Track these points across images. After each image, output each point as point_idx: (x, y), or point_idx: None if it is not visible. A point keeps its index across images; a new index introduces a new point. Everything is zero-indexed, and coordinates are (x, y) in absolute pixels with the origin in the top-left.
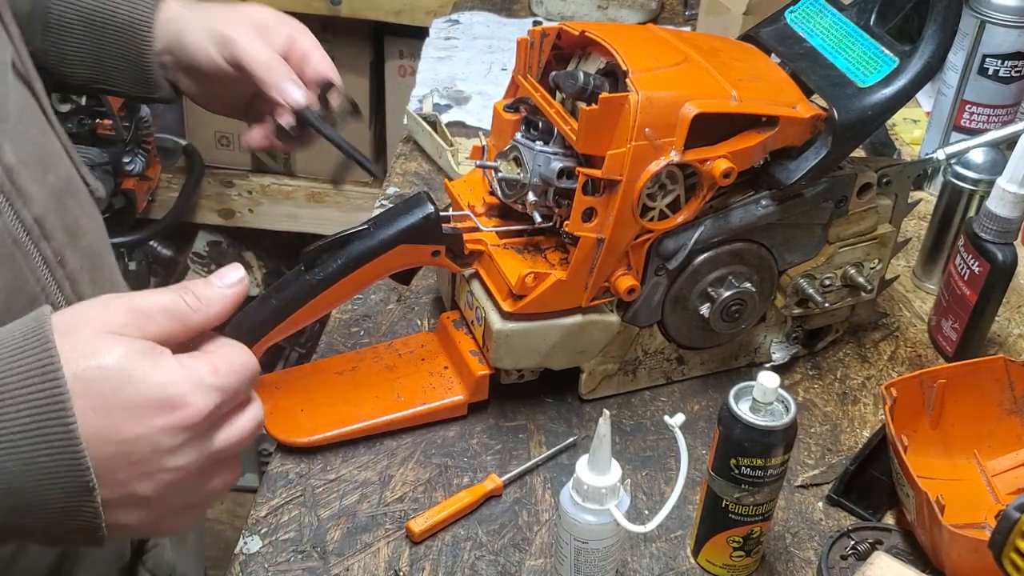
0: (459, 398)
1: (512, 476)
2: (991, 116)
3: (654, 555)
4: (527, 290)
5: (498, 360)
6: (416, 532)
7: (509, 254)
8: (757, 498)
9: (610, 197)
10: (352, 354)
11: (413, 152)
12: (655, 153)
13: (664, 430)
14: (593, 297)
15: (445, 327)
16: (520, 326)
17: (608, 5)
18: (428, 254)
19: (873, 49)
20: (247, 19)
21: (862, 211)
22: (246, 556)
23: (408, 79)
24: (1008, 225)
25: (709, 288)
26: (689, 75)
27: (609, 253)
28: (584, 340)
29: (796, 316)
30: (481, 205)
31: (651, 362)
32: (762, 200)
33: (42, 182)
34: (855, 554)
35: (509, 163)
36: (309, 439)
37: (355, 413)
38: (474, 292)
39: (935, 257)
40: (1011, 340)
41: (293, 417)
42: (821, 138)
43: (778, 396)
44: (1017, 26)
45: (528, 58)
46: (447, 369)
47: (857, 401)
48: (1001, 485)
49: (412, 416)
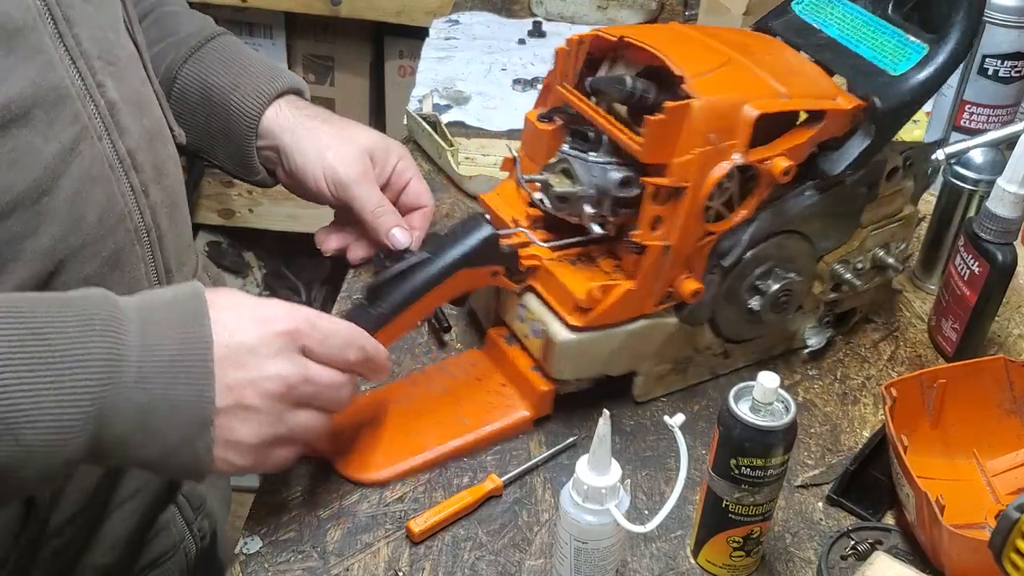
0: (524, 414)
1: (512, 476)
2: (991, 116)
3: (654, 555)
4: (596, 302)
5: (560, 372)
6: (416, 532)
7: (565, 267)
8: (757, 498)
9: (676, 204)
10: (404, 381)
11: (413, 152)
12: (719, 157)
13: (664, 430)
14: (658, 302)
15: (496, 344)
16: (583, 336)
17: (608, 5)
18: (488, 275)
19: (898, 37)
20: (356, 147)
21: (891, 194)
22: (246, 556)
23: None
24: (1008, 225)
25: (757, 281)
26: (737, 75)
27: (675, 258)
28: (644, 344)
29: (829, 301)
30: (525, 219)
31: (700, 359)
32: (806, 191)
33: (138, 122)
34: (855, 554)
35: (558, 175)
36: (382, 474)
37: (422, 442)
38: (528, 306)
39: (935, 257)
40: (1011, 340)
41: (362, 454)
42: (863, 127)
43: (778, 396)
44: (1017, 26)
45: (564, 67)
46: (505, 386)
47: (857, 401)
48: (1001, 485)
49: (479, 439)
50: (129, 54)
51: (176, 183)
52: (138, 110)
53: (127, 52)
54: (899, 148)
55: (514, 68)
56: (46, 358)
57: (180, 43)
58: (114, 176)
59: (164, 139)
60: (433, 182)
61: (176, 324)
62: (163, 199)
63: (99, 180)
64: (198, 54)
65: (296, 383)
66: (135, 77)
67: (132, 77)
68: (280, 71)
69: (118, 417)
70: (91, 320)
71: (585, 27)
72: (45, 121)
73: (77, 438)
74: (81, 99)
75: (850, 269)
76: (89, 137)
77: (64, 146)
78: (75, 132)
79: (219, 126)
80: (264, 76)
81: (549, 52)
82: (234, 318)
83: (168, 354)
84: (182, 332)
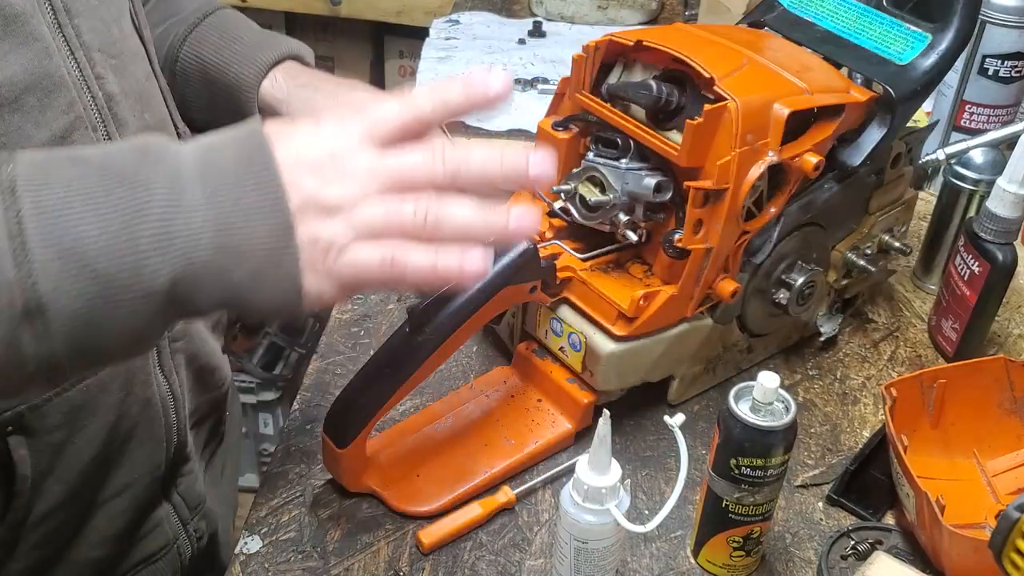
0: (568, 428)
1: (525, 489)
2: (991, 116)
3: (654, 555)
4: (640, 311)
5: (606, 383)
6: (426, 544)
7: (599, 276)
8: (757, 498)
9: (716, 206)
10: (438, 404)
11: None
12: (755, 157)
13: (664, 430)
14: (698, 305)
15: (527, 359)
16: (628, 346)
17: (608, 5)
18: (527, 291)
19: (898, 27)
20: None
21: (895, 180)
22: (246, 556)
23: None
24: (1008, 225)
25: (783, 275)
26: (760, 74)
27: (715, 261)
28: (683, 347)
29: (839, 288)
30: (550, 229)
31: (727, 356)
32: (825, 184)
33: (138, 116)
34: (855, 554)
35: (585, 184)
36: (436, 504)
37: (471, 467)
38: (564, 319)
39: (935, 257)
40: (1011, 340)
41: (411, 486)
42: (878, 117)
43: (778, 396)
44: (1017, 26)
45: (580, 74)
46: (541, 402)
47: (857, 401)
48: (1001, 485)
49: (527, 457)
50: (134, 49)
51: None
52: (139, 104)
53: (131, 47)
54: (900, 134)
55: (514, 68)
56: (107, 186)
57: (179, 22)
58: None
59: (167, 133)
60: None
61: (233, 141)
62: None
63: None
64: (195, 32)
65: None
66: (139, 72)
67: (135, 71)
68: (276, 40)
69: (194, 239)
70: (146, 149)
71: (585, 27)
72: (37, 108)
73: (153, 261)
74: (77, 89)
75: (860, 255)
76: (83, 127)
77: (55, 134)
78: (68, 121)
79: (223, 104)
80: (259, 47)
81: (549, 52)
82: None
83: (231, 167)
84: (241, 146)
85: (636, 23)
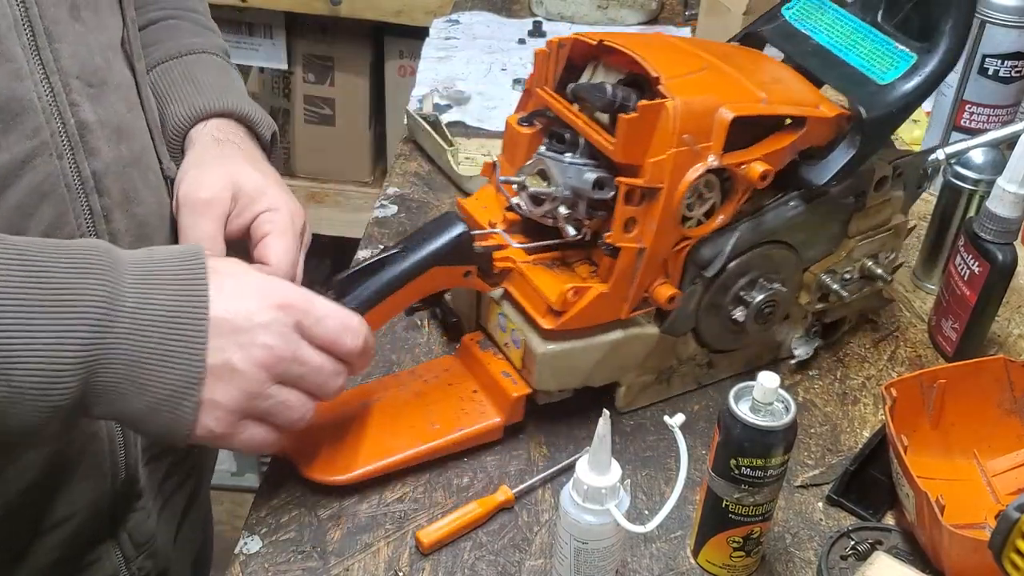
0: (495, 421)
1: (524, 488)
2: (991, 116)
3: (654, 555)
4: (568, 306)
5: (542, 383)
6: (425, 544)
7: (540, 270)
8: (757, 498)
9: (650, 205)
10: (375, 383)
11: (413, 152)
12: (694, 159)
13: (664, 430)
14: (633, 308)
15: (470, 349)
16: (563, 347)
17: (608, 5)
18: (460, 275)
19: (886, 45)
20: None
21: (879, 204)
22: (246, 556)
23: (408, 79)
24: (1008, 225)
25: (742, 292)
26: (717, 79)
27: (650, 262)
28: (625, 354)
29: (816, 311)
30: (502, 222)
31: (684, 369)
32: (791, 201)
33: (114, 147)
34: (855, 554)
35: (534, 177)
36: (348, 476)
37: (391, 445)
38: (507, 314)
39: (935, 257)
40: (1011, 340)
41: (327, 455)
42: (848, 137)
43: (778, 396)
44: (1017, 26)
45: (544, 70)
46: (476, 393)
47: (857, 401)
48: (1001, 485)
49: (449, 443)
50: (119, 80)
51: (151, 213)
52: (117, 135)
53: (117, 77)
54: (888, 157)
55: (514, 68)
56: (42, 300)
57: (161, 50)
58: (70, 196)
59: (145, 168)
60: (433, 182)
61: (175, 279)
62: (129, 227)
63: (50, 198)
64: (165, 64)
65: (285, 357)
66: (121, 103)
67: (117, 102)
68: (230, 94)
69: (110, 365)
70: (89, 266)
71: (585, 27)
72: (0, 130)
73: (68, 383)
74: (47, 114)
75: (837, 279)
76: (47, 153)
77: (15, 158)
78: (32, 146)
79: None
80: (207, 95)
81: None
82: (234, 284)
83: (165, 307)
84: (180, 287)
85: (636, 23)
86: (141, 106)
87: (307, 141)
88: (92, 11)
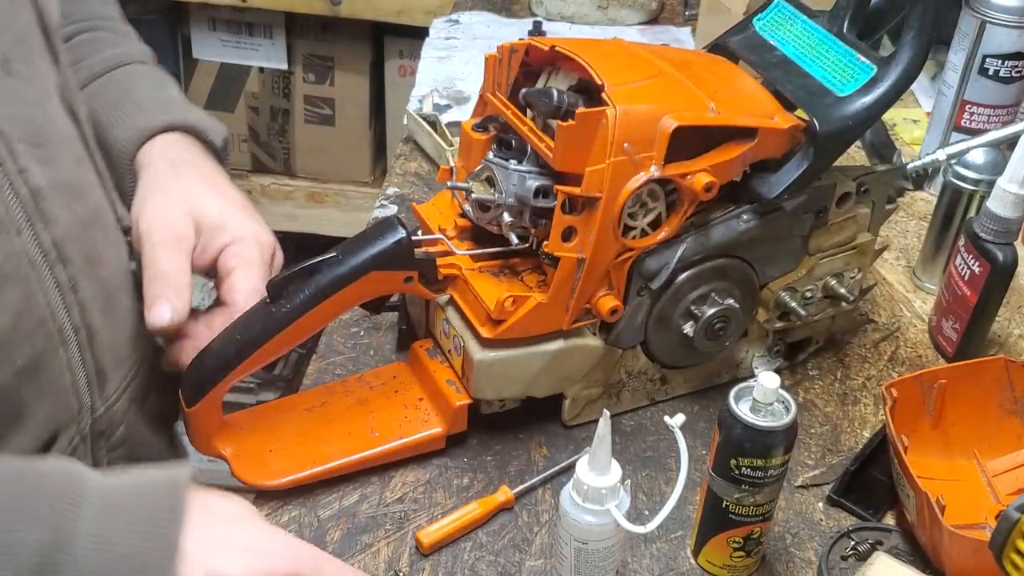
0: (437, 431)
1: (524, 489)
2: (991, 116)
3: (654, 555)
4: (506, 314)
5: (479, 391)
6: (425, 544)
7: (485, 278)
8: (757, 498)
9: (590, 215)
10: (321, 388)
11: (413, 152)
12: (635, 168)
13: (664, 430)
14: (575, 319)
15: (418, 356)
16: (501, 355)
17: (608, 5)
18: (400, 280)
19: (848, 57)
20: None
21: (842, 221)
22: None
23: (408, 79)
24: (1008, 225)
25: (692, 306)
26: (665, 88)
27: (590, 273)
28: (568, 366)
29: (777, 330)
30: (453, 228)
31: (634, 384)
32: (743, 215)
33: (69, 209)
34: (855, 554)
35: (482, 183)
36: (278, 482)
37: (326, 452)
38: (450, 320)
39: (935, 257)
40: (1011, 340)
41: (261, 458)
42: (801, 150)
43: (778, 396)
44: (1018, 26)
45: (496, 75)
46: (422, 401)
47: (857, 401)
48: (1001, 485)
49: (387, 452)
50: (63, 132)
51: (116, 272)
52: (69, 196)
53: (60, 130)
54: (852, 173)
55: None
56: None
57: (85, 68)
58: (35, 273)
59: (103, 224)
60: (433, 182)
61: (142, 518)
62: (96, 293)
63: (14, 279)
64: (95, 84)
65: None
66: (69, 158)
67: (65, 158)
68: (172, 106)
69: None
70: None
71: (585, 27)
72: None
73: None
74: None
75: (797, 298)
76: (6, 231)
77: None
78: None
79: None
80: (148, 111)
81: None
82: (222, 534)
83: (122, 552)
84: (146, 529)
85: (636, 23)
86: (89, 157)
87: (307, 141)
88: (24, 63)
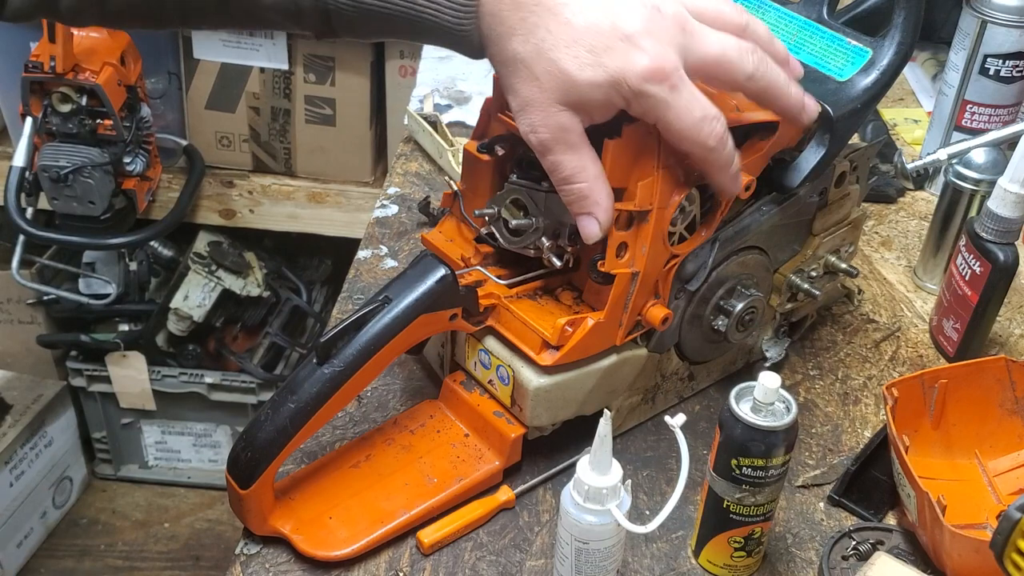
0: (495, 465)
1: (525, 488)
2: (992, 116)
3: (655, 555)
4: (565, 339)
5: (535, 419)
6: (426, 544)
7: (525, 303)
8: (758, 498)
9: (640, 228)
10: (358, 441)
11: (414, 152)
12: (684, 177)
13: (665, 430)
14: (628, 333)
15: (454, 391)
16: (557, 379)
17: None
18: (446, 319)
19: (838, 42)
20: None
21: (839, 199)
22: (247, 556)
23: (408, 79)
24: (1009, 225)
25: (721, 302)
26: None
27: (643, 286)
28: (616, 379)
29: (785, 311)
30: (475, 256)
31: (667, 385)
32: (762, 206)
33: None
34: (856, 554)
35: (509, 207)
36: (350, 549)
37: (388, 508)
38: (491, 350)
39: (936, 257)
40: (1012, 340)
41: (325, 528)
42: (816, 137)
43: (779, 396)
44: (1018, 26)
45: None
46: (468, 437)
47: (858, 401)
48: (1002, 485)
49: (449, 498)
50: None
51: None
52: None
53: None
54: (844, 153)
55: None
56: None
57: None
58: None
59: None
60: (434, 182)
61: None
62: None
63: None
64: None
65: None
66: None
67: None
68: None
69: None
70: None
71: None
72: None
73: None
74: None
75: (805, 278)
76: None
77: None
78: None
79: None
80: None
81: None
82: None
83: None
84: None
85: None
86: None
87: (307, 141)
88: None
